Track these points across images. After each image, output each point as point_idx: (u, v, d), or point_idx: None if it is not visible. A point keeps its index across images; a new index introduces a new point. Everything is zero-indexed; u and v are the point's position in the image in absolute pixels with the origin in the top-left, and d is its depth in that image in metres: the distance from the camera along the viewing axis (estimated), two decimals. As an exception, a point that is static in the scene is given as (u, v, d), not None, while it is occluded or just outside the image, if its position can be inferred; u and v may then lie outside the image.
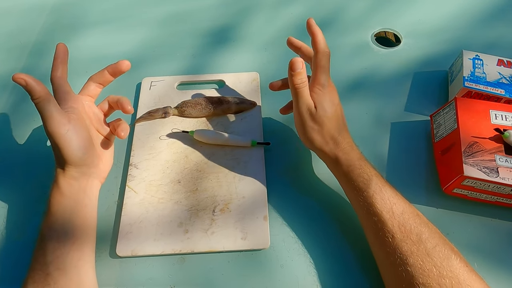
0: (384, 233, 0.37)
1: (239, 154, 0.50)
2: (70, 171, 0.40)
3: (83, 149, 0.40)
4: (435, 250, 0.35)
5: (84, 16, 0.69)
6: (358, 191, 0.40)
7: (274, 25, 0.65)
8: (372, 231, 0.39)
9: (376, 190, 0.39)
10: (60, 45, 0.42)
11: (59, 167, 0.40)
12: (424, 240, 0.36)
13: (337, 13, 0.66)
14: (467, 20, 0.64)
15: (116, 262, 0.43)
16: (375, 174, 0.40)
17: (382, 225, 0.38)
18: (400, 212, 0.38)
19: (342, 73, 0.58)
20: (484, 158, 0.43)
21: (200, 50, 0.62)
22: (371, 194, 0.39)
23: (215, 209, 0.45)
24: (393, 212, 0.38)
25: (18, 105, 0.57)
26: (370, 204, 0.39)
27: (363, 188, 0.40)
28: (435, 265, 0.35)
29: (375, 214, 0.38)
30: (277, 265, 0.42)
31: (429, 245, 0.36)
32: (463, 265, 0.35)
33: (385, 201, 0.38)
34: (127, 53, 0.62)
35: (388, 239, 0.37)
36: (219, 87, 0.57)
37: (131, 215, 0.45)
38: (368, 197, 0.39)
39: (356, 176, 0.40)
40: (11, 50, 0.64)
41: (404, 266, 0.35)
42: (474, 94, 0.50)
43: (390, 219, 0.37)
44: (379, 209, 0.38)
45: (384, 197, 0.39)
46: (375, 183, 0.39)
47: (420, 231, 0.37)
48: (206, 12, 0.68)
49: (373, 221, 0.39)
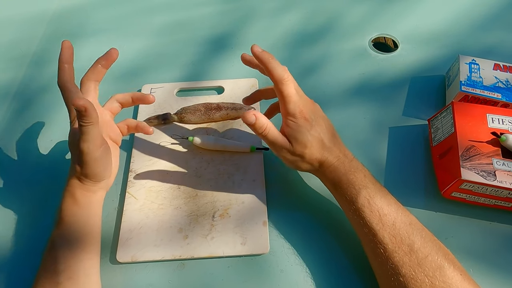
0: (376, 244, 0.38)
1: (239, 160, 0.50)
2: (88, 184, 0.41)
3: (107, 167, 0.42)
4: (427, 260, 0.36)
5: (84, 25, 0.70)
6: (348, 204, 0.40)
7: (273, 32, 0.66)
8: (365, 242, 0.40)
9: (364, 203, 0.39)
10: (65, 43, 0.41)
11: (76, 178, 0.40)
12: (416, 250, 0.36)
13: (335, 19, 0.67)
14: (463, 25, 0.64)
15: (116, 268, 0.43)
16: (364, 186, 0.40)
17: (373, 236, 0.38)
18: (391, 223, 0.38)
19: (340, 78, 0.59)
20: (482, 161, 0.43)
21: (199, 58, 0.63)
22: (359, 206, 0.39)
23: (215, 214, 0.46)
24: (382, 224, 0.38)
25: (19, 113, 0.58)
26: (359, 216, 0.39)
27: (352, 201, 0.40)
28: (427, 275, 0.35)
29: (365, 226, 0.39)
30: (276, 270, 0.43)
31: (421, 255, 0.36)
32: (456, 273, 0.35)
33: (374, 213, 0.38)
34: (127, 61, 0.63)
35: (380, 250, 0.37)
36: (218, 93, 0.58)
37: (131, 221, 0.45)
38: (357, 210, 0.39)
39: (344, 191, 0.40)
40: (12, 59, 0.65)
41: (397, 276, 0.36)
42: (471, 98, 0.51)
43: (380, 231, 0.38)
44: (368, 222, 0.38)
45: (373, 209, 0.39)
46: (363, 196, 0.39)
47: (411, 241, 0.37)
48: (205, 20, 0.69)
49: (364, 232, 0.39)
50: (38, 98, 0.59)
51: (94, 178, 0.40)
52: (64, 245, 0.38)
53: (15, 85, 0.61)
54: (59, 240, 0.38)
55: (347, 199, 0.40)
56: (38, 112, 0.58)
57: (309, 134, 0.41)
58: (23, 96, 0.60)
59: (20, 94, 0.60)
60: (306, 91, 0.45)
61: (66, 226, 0.39)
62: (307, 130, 0.41)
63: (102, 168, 0.41)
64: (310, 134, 0.41)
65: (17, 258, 0.45)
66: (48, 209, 0.48)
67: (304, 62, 0.61)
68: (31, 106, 0.58)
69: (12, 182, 0.51)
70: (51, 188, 0.49)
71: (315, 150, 0.42)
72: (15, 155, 0.53)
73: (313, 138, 0.41)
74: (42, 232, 0.42)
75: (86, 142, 0.38)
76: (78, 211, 0.40)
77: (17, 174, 0.52)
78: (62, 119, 0.56)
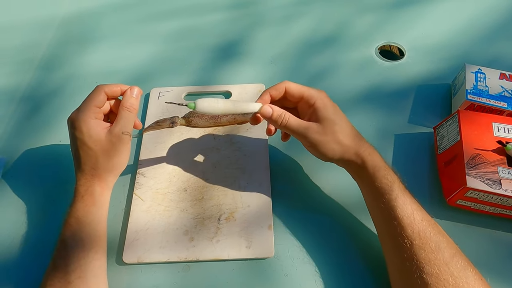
0: (403, 238, 0.37)
1: (245, 163, 0.51)
2: (108, 180, 0.42)
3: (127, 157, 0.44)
4: (453, 260, 0.35)
5: (93, 30, 0.70)
6: (381, 193, 0.39)
7: (280, 40, 0.67)
8: (389, 236, 0.39)
9: (399, 194, 0.39)
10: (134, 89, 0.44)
11: (94, 176, 0.41)
12: (442, 249, 0.36)
13: (342, 27, 0.68)
14: (470, 35, 0.65)
15: (122, 269, 0.44)
16: (396, 178, 0.40)
17: (402, 230, 0.37)
18: (420, 219, 0.38)
19: (346, 86, 0.59)
20: (487, 170, 0.43)
21: (207, 63, 0.64)
22: (394, 197, 0.38)
23: (221, 217, 0.46)
24: (414, 218, 0.37)
25: (28, 115, 0.59)
26: (391, 207, 0.38)
27: (387, 191, 0.39)
28: (451, 274, 0.34)
29: (395, 219, 0.38)
30: (281, 274, 0.43)
31: (447, 254, 0.36)
32: (478, 277, 0.35)
33: (406, 206, 0.38)
34: (136, 66, 0.64)
35: (406, 245, 0.37)
36: (226, 97, 0.58)
37: (137, 222, 0.46)
38: (390, 200, 0.38)
39: (381, 178, 0.39)
40: (20, 63, 0.66)
41: (420, 273, 0.35)
42: (476, 107, 0.51)
43: (411, 225, 0.37)
44: (400, 214, 0.38)
45: (406, 202, 0.38)
46: (398, 187, 0.39)
47: (438, 239, 0.37)
48: (214, 27, 0.69)
49: (393, 225, 0.38)
50: (46, 101, 0.60)
51: (118, 169, 0.43)
52: (77, 244, 0.39)
53: (23, 88, 0.62)
54: (71, 239, 0.39)
55: (383, 187, 0.39)
56: (46, 115, 0.58)
57: (336, 113, 0.42)
58: (32, 99, 0.61)
59: (28, 97, 0.61)
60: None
61: (80, 226, 0.39)
62: (334, 110, 0.42)
63: (126, 159, 0.43)
64: (338, 114, 0.42)
65: (25, 258, 0.45)
66: (56, 210, 0.48)
67: (311, 69, 0.62)
68: (39, 109, 0.59)
69: (21, 182, 0.52)
70: (57, 190, 0.50)
71: (347, 129, 0.41)
72: (24, 155, 0.54)
73: (341, 117, 0.42)
74: (50, 232, 0.43)
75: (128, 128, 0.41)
76: (94, 210, 0.41)
77: (21, 177, 0.52)
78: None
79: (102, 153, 0.41)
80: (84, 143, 0.41)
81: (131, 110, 0.42)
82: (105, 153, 0.41)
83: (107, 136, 0.41)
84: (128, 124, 0.42)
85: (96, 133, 0.41)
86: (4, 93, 0.61)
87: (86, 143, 0.41)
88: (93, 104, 0.42)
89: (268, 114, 0.41)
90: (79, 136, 0.41)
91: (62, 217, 0.42)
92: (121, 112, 0.42)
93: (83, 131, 0.41)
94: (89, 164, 0.41)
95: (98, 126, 0.41)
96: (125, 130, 0.42)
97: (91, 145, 0.41)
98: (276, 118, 0.41)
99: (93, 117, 0.41)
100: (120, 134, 0.41)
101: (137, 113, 0.44)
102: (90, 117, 0.41)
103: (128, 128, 0.42)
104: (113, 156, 0.41)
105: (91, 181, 0.41)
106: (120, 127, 0.41)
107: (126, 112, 0.42)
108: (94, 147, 0.41)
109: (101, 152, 0.41)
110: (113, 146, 0.41)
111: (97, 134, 0.41)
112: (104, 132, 0.41)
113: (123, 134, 0.41)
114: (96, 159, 0.41)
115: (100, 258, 0.40)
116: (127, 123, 0.42)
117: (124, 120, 0.42)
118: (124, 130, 0.41)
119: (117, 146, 0.41)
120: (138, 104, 0.43)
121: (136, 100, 0.43)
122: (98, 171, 0.41)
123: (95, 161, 0.41)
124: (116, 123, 0.42)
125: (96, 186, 0.41)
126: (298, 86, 0.43)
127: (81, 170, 0.42)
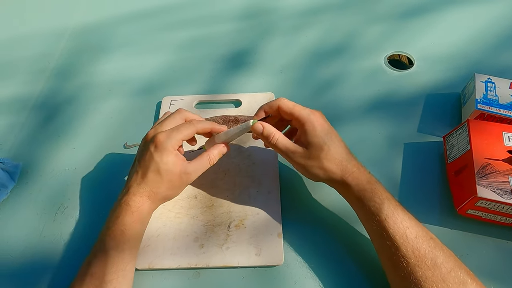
0: (398, 257, 0.37)
1: (254, 171, 0.51)
2: (157, 204, 0.44)
3: None
4: (450, 275, 0.35)
5: (105, 40, 0.72)
6: (371, 215, 0.40)
7: (290, 49, 0.67)
8: (386, 256, 0.39)
9: (388, 214, 0.39)
10: None
11: (149, 198, 0.42)
12: (439, 265, 0.36)
13: (351, 36, 0.68)
14: (479, 44, 0.65)
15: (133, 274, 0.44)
16: (386, 197, 0.40)
17: (396, 250, 0.37)
18: (414, 236, 0.38)
19: (356, 95, 0.60)
20: (498, 179, 0.43)
21: (218, 73, 0.65)
22: (383, 218, 0.39)
23: (231, 224, 0.47)
24: (406, 236, 0.38)
25: (40, 123, 0.60)
26: (383, 228, 0.39)
27: (376, 212, 0.39)
28: None
29: (388, 239, 0.38)
30: (290, 282, 0.43)
31: (444, 269, 0.36)
32: None
33: (398, 225, 0.38)
34: (148, 75, 0.65)
35: (402, 264, 0.37)
36: (236, 106, 0.59)
37: (149, 228, 0.46)
38: (380, 221, 0.39)
39: (368, 200, 0.40)
40: (33, 73, 0.67)
41: None
42: (487, 117, 0.51)
43: (404, 244, 0.37)
44: (392, 234, 0.38)
45: (397, 221, 0.38)
46: (387, 207, 0.39)
47: (434, 255, 0.36)
48: (225, 36, 0.71)
49: (386, 245, 0.38)
50: (59, 109, 0.62)
51: (170, 198, 0.45)
52: (118, 255, 0.39)
53: (36, 96, 0.64)
54: (113, 251, 0.39)
55: (371, 210, 0.39)
56: (60, 122, 0.60)
57: (325, 137, 0.42)
58: (45, 107, 0.62)
59: (41, 105, 0.62)
60: (322, 106, 0.46)
61: (125, 238, 0.40)
62: (324, 134, 0.42)
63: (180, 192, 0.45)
64: (327, 138, 0.42)
65: (39, 263, 0.46)
66: (70, 215, 0.49)
67: (320, 78, 0.63)
68: (54, 117, 0.61)
69: (36, 188, 0.53)
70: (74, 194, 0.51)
71: (333, 155, 0.41)
72: (39, 162, 0.55)
73: (331, 142, 0.42)
74: (63, 237, 0.44)
75: (199, 173, 0.44)
76: (140, 227, 0.42)
77: (41, 180, 0.54)
78: (83, 129, 0.59)
79: (168, 183, 0.42)
80: (158, 167, 0.42)
81: (211, 162, 0.44)
82: (170, 184, 0.42)
83: (181, 172, 0.42)
84: (201, 170, 0.44)
85: (173, 165, 0.42)
86: (19, 101, 0.63)
87: (160, 169, 0.42)
88: (181, 137, 0.43)
89: (259, 131, 0.43)
90: (157, 159, 0.42)
91: (75, 222, 0.43)
92: (203, 158, 0.44)
93: (162, 158, 0.42)
94: (151, 186, 0.42)
95: (177, 159, 0.42)
96: (196, 175, 0.44)
97: (163, 173, 0.42)
98: (266, 135, 0.43)
99: (177, 148, 0.43)
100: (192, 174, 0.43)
101: None
102: (174, 148, 0.42)
103: (200, 173, 0.44)
104: (176, 189, 0.44)
105: (145, 201, 0.42)
106: (195, 171, 0.43)
107: (206, 160, 0.44)
108: (165, 175, 0.42)
109: (167, 182, 0.42)
110: (180, 182, 0.43)
111: (173, 166, 0.42)
112: (179, 167, 0.42)
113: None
114: (161, 185, 0.42)
115: (133, 271, 0.41)
116: (201, 169, 0.44)
117: (200, 166, 0.44)
118: (196, 175, 0.44)
119: (183, 183, 0.43)
120: (217, 159, 0.45)
121: (218, 156, 0.45)
122: (156, 196, 0.42)
123: (158, 186, 0.42)
124: (193, 164, 0.43)
125: (147, 207, 0.42)
126: (291, 105, 0.43)
127: (140, 187, 0.42)
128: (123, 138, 0.56)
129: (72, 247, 0.47)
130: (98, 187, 0.52)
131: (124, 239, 0.40)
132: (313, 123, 0.42)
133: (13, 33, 0.74)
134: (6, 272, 0.46)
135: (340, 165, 0.42)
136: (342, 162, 0.42)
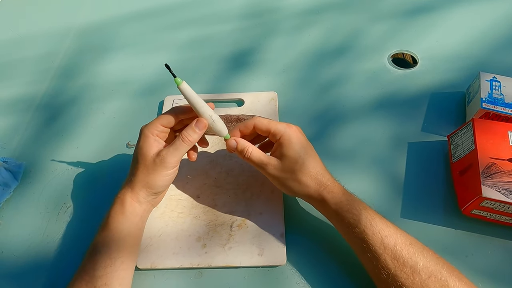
0: (379, 270, 0.38)
1: (257, 171, 0.51)
2: (139, 194, 0.42)
3: (167, 184, 0.44)
4: (430, 280, 0.36)
5: (109, 40, 0.72)
6: (350, 227, 0.39)
7: (293, 48, 0.67)
8: (369, 268, 0.40)
9: (366, 225, 0.39)
10: None
11: (129, 188, 0.42)
12: (419, 271, 0.36)
13: (354, 35, 0.68)
14: (484, 43, 0.64)
15: (135, 274, 0.44)
16: (363, 207, 0.40)
17: (377, 261, 0.38)
18: (392, 245, 0.38)
19: (359, 94, 0.59)
20: (503, 179, 0.42)
21: (221, 72, 0.65)
22: (362, 229, 0.39)
23: (233, 224, 0.46)
24: (384, 247, 0.38)
25: (44, 123, 0.60)
26: (362, 240, 0.39)
27: (354, 224, 0.39)
28: None
29: (368, 251, 0.38)
30: (293, 282, 0.43)
31: (423, 275, 0.36)
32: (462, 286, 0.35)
33: (376, 235, 0.38)
34: (151, 74, 0.65)
35: (384, 276, 0.37)
36: (238, 105, 0.59)
37: (151, 228, 0.47)
38: (359, 233, 0.39)
39: (346, 212, 0.40)
40: (37, 72, 0.67)
41: None
42: (492, 116, 0.50)
43: (383, 254, 0.37)
44: (371, 245, 0.38)
45: (375, 231, 0.38)
46: (365, 217, 0.39)
47: (414, 262, 0.37)
48: (227, 36, 0.70)
49: (368, 258, 0.39)
50: (63, 108, 0.62)
51: (151, 188, 0.42)
52: (106, 251, 0.39)
53: (39, 96, 0.64)
54: (102, 246, 0.40)
55: (350, 222, 0.39)
56: (63, 122, 0.60)
57: (301, 150, 0.41)
58: (49, 107, 0.62)
59: (45, 105, 0.63)
60: (326, 106, 0.46)
61: (111, 233, 0.40)
62: (299, 147, 0.41)
63: (163, 183, 0.43)
64: (303, 151, 0.41)
65: (42, 261, 0.46)
66: (73, 214, 0.50)
67: (323, 77, 0.62)
68: (57, 116, 0.61)
69: (39, 187, 0.53)
70: (77, 194, 0.51)
71: (307, 168, 0.41)
72: (42, 161, 0.56)
73: (306, 155, 0.41)
74: (66, 236, 0.44)
75: (174, 157, 0.41)
76: (122, 220, 0.41)
77: (44, 180, 0.54)
78: (86, 129, 0.59)
79: (143, 168, 0.42)
80: (135, 155, 0.43)
81: (185, 141, 0.42)
82: (144, 169, 0.42)
83: (154, 155, 0.42)
84: (177, 154, 0.42)
85: (148, 149, 0.42)
86: (23, 101, 0.63)
87: (136, 155, 0.42)
88: (159, 122, 0.43)
89: (233, 147, 0.43)
90: (136, 147, 0.43)
91: (78, 221, 0.43)
92: (176, 140, 0.42)
93: (139, 144, 0.42)
94: (130, 175, 0.43)
95: (153, 143, 0.42)
96: (173, 158, 0.41)
97: (139, 159, 0.42)
98: (240, 150, 0.43)
99: (155, 133, 0.42)
100: (165, 156, 0.41)
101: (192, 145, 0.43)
102: (152, 133, 0.42)
103: (176, 157, 0.42)
104: (150, 174, 0.42)
105: (125, 191, 0.42)
106: (167, 153, 0.41)
107: (179, 141, 0.42)
108: (140, 160, 0.42)
109: (143, 167, 0.42)
110: (153, 166, 0.42)
111: (147, 150, 0.42)
112: (154, 151, 0.42)
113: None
114: (138, 172, 0.42)
115: (127, 268, 0.40)
116: (176, 152, 0.41)
117: (173, 148, 0.42)
118: (172, 159, 0.41)
119: (157, 167, 0.41)
120: (197, 138, 0.42)
121: (196, 134, 0.42)
122: (134, 183, 0.42)
123: (135, 173, 0.42)
124: (167, 147, 0.42)
125: (127, 197, 0.42)
126: (266, 122, 0.43)
127: (126, 180, 0.43)
128: (126, 137, 0.56)
129: (75, 246, 0.47)
130: (101, 186, 0.52)
131: (109, 232, 0.40)
132: (289, 135, 0.42)
133: (18, 33, 0.75)
134: (9, 271, 0.46)
135: (315, 179, 0.41)
136: (317, 176, 0.41)
